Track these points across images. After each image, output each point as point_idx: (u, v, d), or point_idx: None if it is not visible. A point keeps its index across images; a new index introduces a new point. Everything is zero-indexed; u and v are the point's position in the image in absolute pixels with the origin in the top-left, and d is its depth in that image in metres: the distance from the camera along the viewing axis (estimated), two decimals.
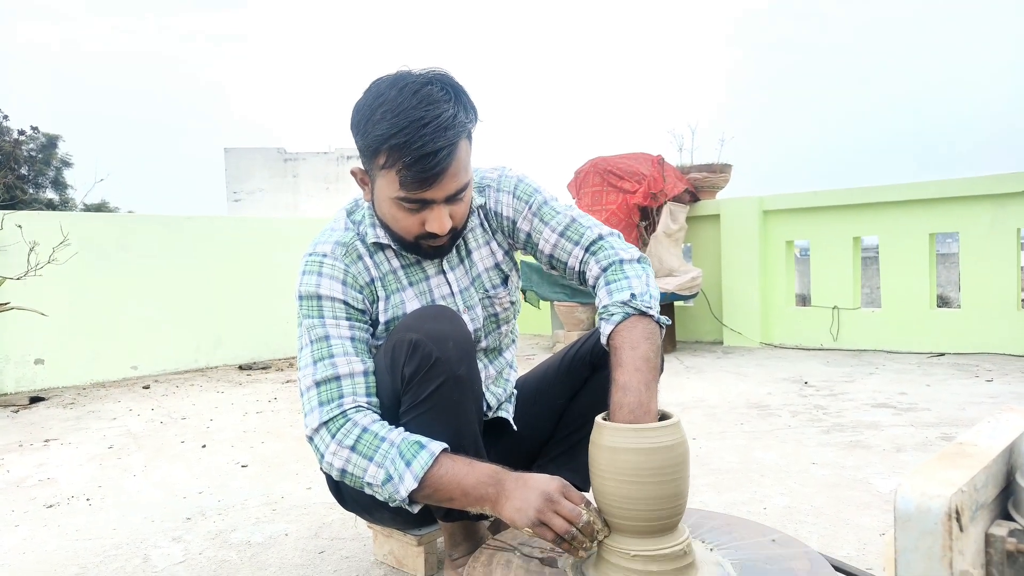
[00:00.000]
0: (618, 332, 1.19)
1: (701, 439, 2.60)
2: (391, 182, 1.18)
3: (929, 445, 2.42)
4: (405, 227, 1.24)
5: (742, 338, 5.24)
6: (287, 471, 2.43)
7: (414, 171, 1.14)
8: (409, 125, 1.12)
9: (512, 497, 1.08)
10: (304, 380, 1.24)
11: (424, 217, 1.21)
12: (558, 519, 1.05)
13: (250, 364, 5.14)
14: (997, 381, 3.51)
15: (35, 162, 16.86)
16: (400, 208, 1.21)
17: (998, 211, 4.34)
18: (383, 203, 1.24)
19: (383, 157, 1.17)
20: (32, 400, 3.94)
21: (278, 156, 22.25)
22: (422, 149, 1.12)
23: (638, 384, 1.11)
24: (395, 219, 1.24)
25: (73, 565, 1.70)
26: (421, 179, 1.15)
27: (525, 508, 1.06)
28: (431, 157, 1.13)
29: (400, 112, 1.13)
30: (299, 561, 1.68)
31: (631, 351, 1.15)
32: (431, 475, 1.11)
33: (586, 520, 1.06)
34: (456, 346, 1.19)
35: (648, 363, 1.15)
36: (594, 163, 5.30)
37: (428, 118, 1.13)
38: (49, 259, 4.22)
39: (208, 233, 5.23)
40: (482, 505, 1.10)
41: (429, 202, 1.19)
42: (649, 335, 1.19)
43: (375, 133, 1.16)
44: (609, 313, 1.23)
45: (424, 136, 1.12)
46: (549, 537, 1.05)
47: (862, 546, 1.62)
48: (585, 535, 1.05)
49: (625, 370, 1.13)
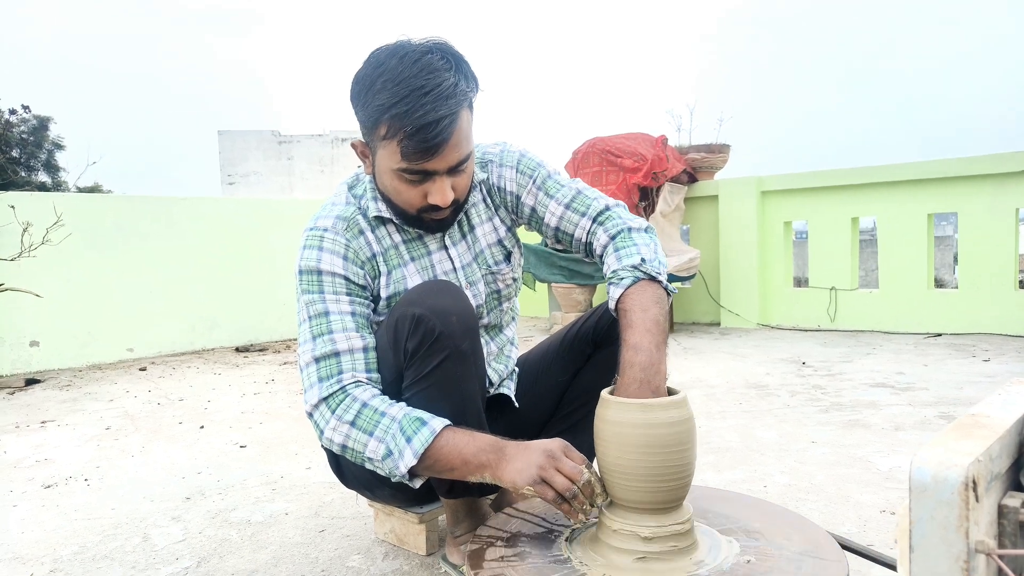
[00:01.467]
0: (628, 295, 1.18)
1: (701, 419, 2.60)
2: (392, 153, 1.16)
3: (927, 424, 2.43)
4: (407, 199, 1.22)
5: (740, 319, 5.24)
6: (286, 451, 2.42)
7: (416, 141, 1.12)
8: (410, 94, 1.11)
9: (513, 460, 1.07)
10: (303, 356, 1.22)
11: (426, 189, 1.20)
12: (559, 477, 1.04)
13: (247, 346, 5.13)
14: (994, 361, 3.52)
15: (27, 144, 16.70)
16: (402, 180, 1.19)
17: (997, 191, 4.33)
18: (384, 175, 1.22)
19: (384, 128, 1.15)
20: (28, 382, 3.92)
21: (272, 138, 22.07)
22: (424, 118, 1.10)
23: (649, 345, 1.10)
24: (397, 192, 1.22)
25: (72, 544, 1.70)
26: (423, 149, 1.13)
27: (526, 467, 1.06)
28: (433, 126, 1.11)
29: (401, 81, 1.11)
30: (300, 540, 1.67)
31: (642, 313, 1.14)
32: (431, 449, 1.10)
33: (587, 479, 1.05)
34: (459, 321, 1.17)
35: (658, 326, 1.14)
36: (592, 143, 5.27)
37: (429, 87, 1.11)
38: (43, 240, 4.18)
39: (204, 214, 5.19)
40: (482, 472, 1.09)
41: (431, 173, 1.18)
42: (658, 299, 1.18)
43: (375, 103, 1.14)
44: (619, 277, 1.21)
45: (425, 105, 1.10)
46: (550, 496, 1.04)
47: (863, 523, 1.63)
48: (585, 496, 1.05)
49: (636, 331, 1.12)
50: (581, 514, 1.05)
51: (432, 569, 1.47)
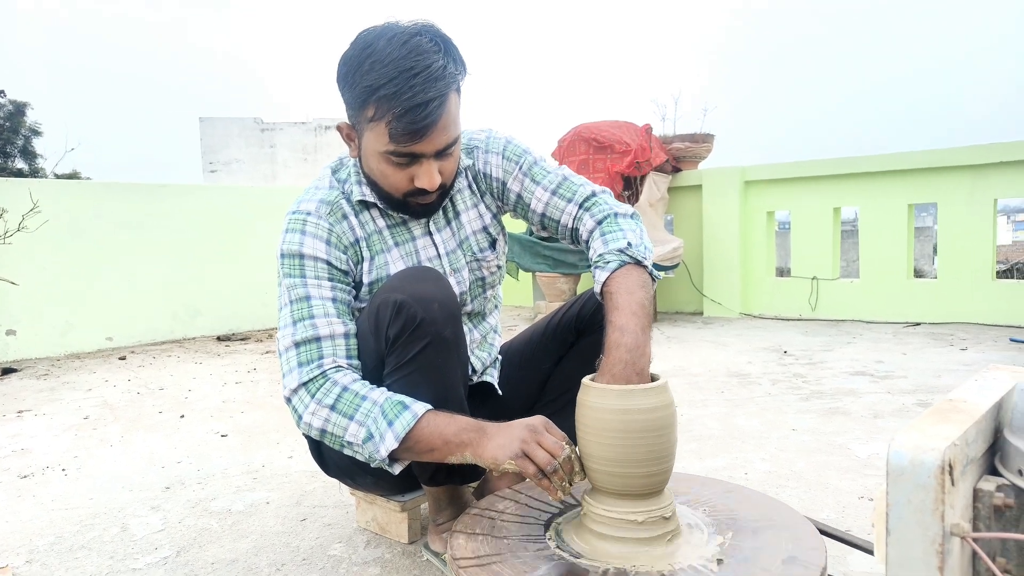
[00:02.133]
0: (614, 279, 1.18)
1: (683, 407, 2.61)
2: (380, 135, 1.15)
3: (906, 411, 2.46)
4: (393, 183, 1.21)
5: (722, 308, 5.27)
6: (267, 440, 2.41)
7: (404, 122, 1.11)
8: (399, 75, 1.09)
9: (495, 437, 1.07)
10: (283, 340, 1.21)
11: (413, 172, 1.19)
12: (541, 451, 1.04)
13: (228, 335, 5.08)
14: (972, 350, 3.56)
15: (2, 130, 16.39)
16: (389, 163, 1.18)
17: (976, 182, 4.38)
18: (371, 158, 1.21)
19: (372, 109, 1.13)
20: (4, 371, 3.86)
21: (255, 126, 21.82)
22: (412, 100, 1.09)
23: (635, 327, 1.10)
24: (383, 175, 1.21)
25: (49, 534, 1.68)
26: (411, 131, 1.12)
27: (508, 442, 1.06)
28: (421, 108, 1.10)
29: (389, 62, 1.10)
30: (281, 529, 1.66)
31: (628, 295, 1.14)
32: (413, 432, 1.10)
33: (567, 454, 1.05)
34: (441, 307, 1.16)
35: (644, 309, 1.14)
36: (578, 131, 5.25)
37: (418, 68, 1.10)
38: (19, 227, 4.11)
39: (185, 202, 5.12)
40: (463, 451, 1.08)
41: (418, 156, 1.17)
42: (644, 284, 1.18)
43: (363, 84, 1.12)
44: (605, 261, 1.21)
45: (415, 86, 1.09)
46: (531, 471, 1.03)
47: (842, 509, 1.64)
48: (565, 472, 1.05)
49: (622, 312, 1.12)
50: (560, 491, 1.05)
51: (414, 557, 1.47)
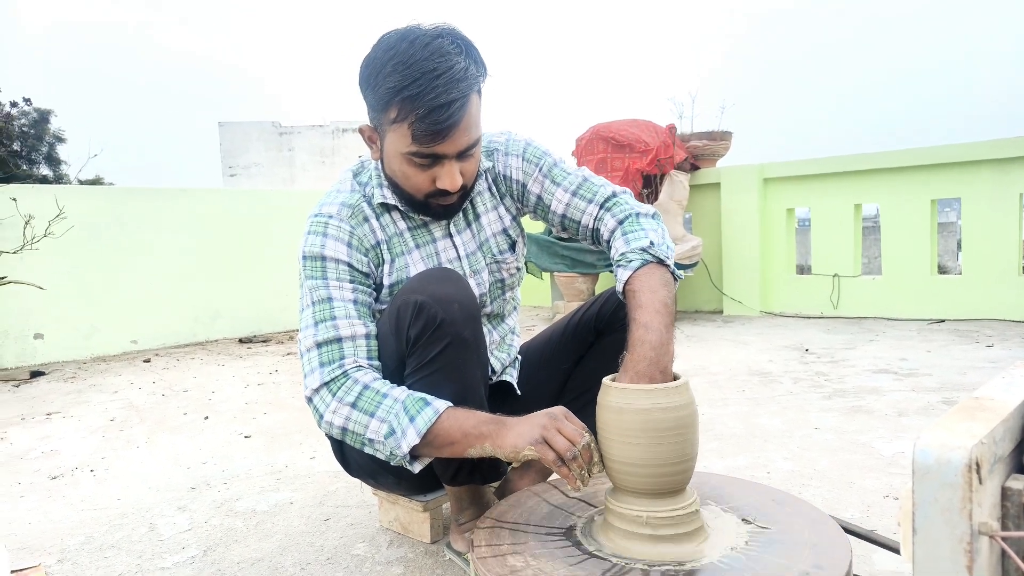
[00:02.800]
0: (637, 277, 1.18)
1: (704, 406, 2.60)
2: (402, 136, 1.16)
3: (931, 409, 2.43)
4: (415, 184, 1.23)
5: (742, 307, 5.24)
6: (290, 441, 2.43)
7: (427, 123, 1.12)
8: (422, 76, 1.11)
9: (514, 427, 1.08)
10: (305, 341, 1.22)
11: (435, 174, 1.20)
12: (560, 438, 1.05)
13: (250, 337, 5.14)
14: (998, 346, 3.51)
15: (28, 137, 16.68)
16: (411, 164, 1.20)
17: (1000, 176, 4.31)
18: (393, 160, 1.22)
19: (395, 110, 1.15)
20: (32, 374, 3.93)
21: (273, 130, 22.03)
22: (435, 101, 1.11)
23: (659, 325, 1.11)
24: (405, 176, 1.22)
25: (79, 534, 1.71)
26: (434, 132, 1.13)
27: (527, 430, 1.06)
28: (444, 109, 1.11)
29: (412, 64, 1.12)
30: (304, 528, 1.68)
31: (651, 294, 1.15)
32: (434, 427, 1.11)
33: (587, 441, 1.06)
34: (461, 308, 1.17)
35: (667, 308, 1.14)
36: (596, 130, 5.24)
37: (441, 69, 1.11)
38: (46, 233, 4.19)
39: (205, 206, 5.18)
40: (482, 443, 1.08)
41: (441, 157, 1.18)
42: (666, 283, 1.18)
43: (387, 85, 1.14)
44: (627, 260, 1.22)
45: (437, 87, 1.11)
46: (550, 457, 1.04)
47: (866, 508, 1.63)
48: (584, 460, 1.05)
49: (646, 310, 1.13)
50: (579, 480, 1.05)
51: (436, 557, 1.48)
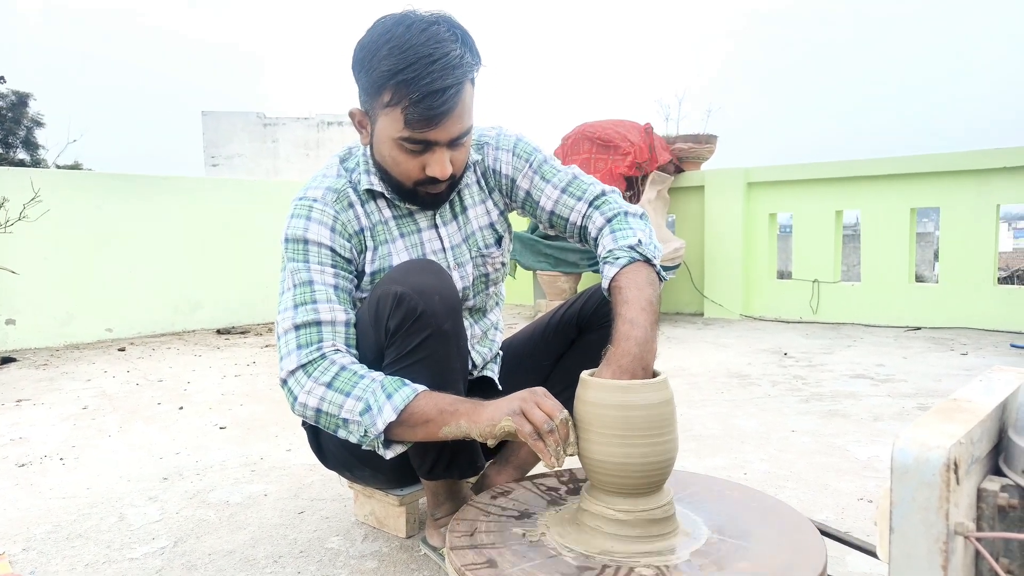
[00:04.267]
0: (623, 274, 1.18)
1: (683, 407, 2.61)
2: (395, 121, 1.15)
3: (906, 414, 2.45)
4: (405, 171, 1.22)
5: (723, 310, 5.27)
6: (266, 433, 2.41)
7: (421, 108, 1.12)
8: (417, 61, 1.10)
9: (491, 404, 1.08)
10: (283, 323, 1.20)
11: (425, 161, 1.19)
12: (538, 411, 1.04)
13: (228, 328, 5.08)
14: (972, 355, 3.56)
15: (5, 120, 16.38)
16: (402, 150, 1.19)
17: (980, 187, 4.37)
18: (383, 144, 1.21)
19: (388, 94, 1.14)
20: (3, 360, 3.86)
21: (257, 121, 21.82)
22: (430, 86, 1.10)
23: (645, 322, 1.10)
24: (395, 162, 1.21)
25: (46, 523, 1.67)
26: (428, 117, 1.12)
27: (505, 404, 1.06)
28: (439, 95, 1.11)
29: (408, 48, 1.11)
30: (278, 521, 1.66)
31: (637, 291, 1.15)
32: (411, 406, 1.09)
33: (564, 417, 1.05)
34: (442, 300, 1.16)
35: (652, 306, 1.14)
36: (582, 129, 5.25)
37: (437, 55, 1.11)
38: (20, 216, 4.11)
39: (187, 194, 5.11)
40: (457, 420, 1.07)
41: (432, 144, 1.17)
42: (652, 282, 1.18)
43: (381, 68, 1.13)
44: (615, 257, 1.21)
45: (432, 72, 1.10)
46: (527, 430, 1.03)
47: (841, 510, 1.64)
48: (561, 436, 1.04)
49: (632, 307, 1.12)
50: (554, 457, 1.03)
51: (412, 552, 1.47)
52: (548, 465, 1.05)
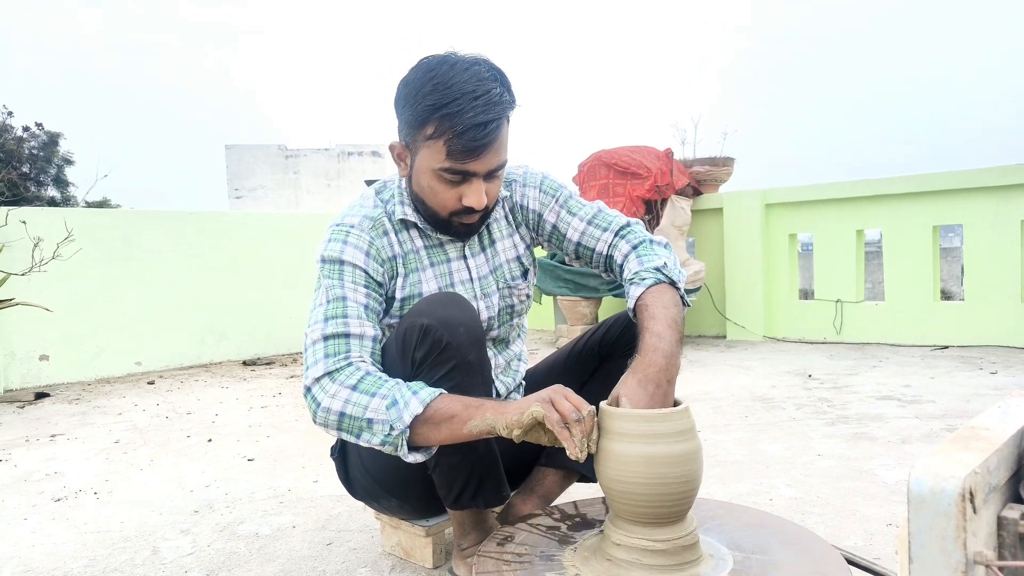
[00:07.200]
0: (649, 293, 1.23)
1: (706, 432, 2.60)
2: (436, 152, 1.22)
3: (934, 437, 2.42)
4: (442, 201, 1.28)
5: (745, 332, 5.24)
6: (293, 464, 2.44)
7: (464, 140, 1.18)
8: (462, 96, 1.18)
9: (517, 400, 1.11)
10: (312, 334, 1.24)
11: (463, 191, 1.26)
12: (566, 402, 1.06)
13: (254, 359, 5.15)
14: (1001, 373, 3.51)
15: (37, 159, 16.86)
16: (441, 180, 1.25)
17: (1002, 203, 4.34)
18: (423, 175, 1.27)
19: (432, 127, 1.21)
20: (37, 396, 3.95)
21: (279, 153, 22.23)
22: (473, 119, 1.18)
23: (671, 337, 1.15)
24: (433, 192, 1.28)
25: (82, 557, 1.71)
26: (470, 149, 1.19)
27: (533, 396, 1.09)
28: (481, 128, 1.18)
29: (452, 85, 1.19)
30: (307, 553, 1.68)
31: (664, 309, 1.19)
32: (436, 402, 1.12)
33: (590, 410, 1.07)
34: (467, 332, 1.20)
35: (677, 325, 1.18)
36: (598, 156, 5.29)
37: (479, 92, 1.19)
38: (53, 255, 4.22)
39: (211, 229, 5.23)
40: (483, 413, 1.09)
41: (471, 175, 1.24)
42: (677, 303, 1.23)
43: (426, 103, 1.20)
44: (640, 278, 1.26)
45: (476, 107, 1.18)
46: (555, 417, 1.04)
47: (869, 536, 1.63)
48: (586, 428, 1.05)
49: (658, 322, 1.17)
50: (578, 449, 1.04)
51: None
52: (572, 455, 1.05)
